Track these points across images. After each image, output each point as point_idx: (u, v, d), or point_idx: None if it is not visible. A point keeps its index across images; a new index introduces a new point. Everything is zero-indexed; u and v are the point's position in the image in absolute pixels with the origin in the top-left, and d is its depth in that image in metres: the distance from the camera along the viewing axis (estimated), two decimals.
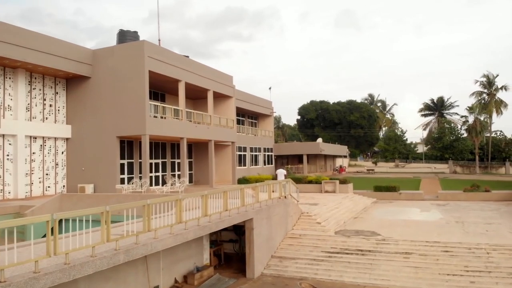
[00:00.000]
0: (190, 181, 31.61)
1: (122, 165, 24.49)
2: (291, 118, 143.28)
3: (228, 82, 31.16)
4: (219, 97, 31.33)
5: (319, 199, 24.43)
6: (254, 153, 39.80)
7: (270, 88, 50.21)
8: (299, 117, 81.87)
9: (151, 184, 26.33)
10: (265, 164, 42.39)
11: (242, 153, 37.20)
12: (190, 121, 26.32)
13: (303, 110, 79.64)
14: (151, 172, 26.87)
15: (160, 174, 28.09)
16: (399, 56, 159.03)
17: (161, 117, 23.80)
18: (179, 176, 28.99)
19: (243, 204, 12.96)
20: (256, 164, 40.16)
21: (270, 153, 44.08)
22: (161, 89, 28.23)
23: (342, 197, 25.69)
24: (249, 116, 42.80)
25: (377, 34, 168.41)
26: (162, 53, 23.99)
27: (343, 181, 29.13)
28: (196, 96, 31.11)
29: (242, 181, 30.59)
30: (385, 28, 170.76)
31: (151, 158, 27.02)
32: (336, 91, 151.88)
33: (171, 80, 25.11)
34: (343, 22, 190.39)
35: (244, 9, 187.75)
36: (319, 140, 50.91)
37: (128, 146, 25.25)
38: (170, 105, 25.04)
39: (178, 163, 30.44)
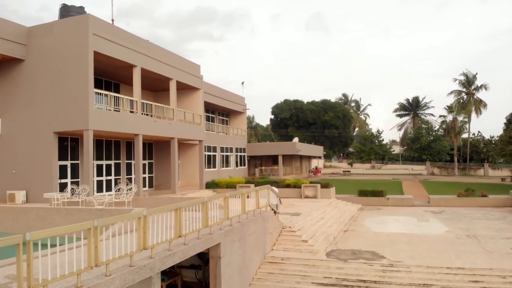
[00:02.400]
0: (150, 185, 27.44)
1: (64, 168, 20.14)
2: (263, 120, 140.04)
3: (195, 71, 27.18)
4: (185, 89, 27.31)
5: (300, 206, 20.91)
6: (225, 154, 35.91)
7: (242, 83, 46.34)
8: (272, 117, 78.62)
9: (99, 190, 22.03)
10: (237, 166, 38.57)
11: (211, 153, 33.25)
12: (149, 115, 22.22)
13: (277, 109, 76.39)
14: (100, 175, 22.56)
15: (112, 178, 23.79)
16: (370, 59, 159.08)
17: (112, 110, 19.63)
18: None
19: (206, 225, 9.14)
20: (227, 166, 36.28)
21: (242, 154, 40.29)
22: (115, 77, 23.98)
23: (325, 204, 22.31)
24: (220, 112, 38.87)
25: (347, 38, 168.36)
26: (112, 31, 19.80)
27: (325, 185, 25.76)
28: (158, 87, 26.98)
29: (211, 184, 26.68)
30: (354, 32, 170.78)
31: (100, 158, 22.72)
32: (308, 93, 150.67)
33: (124, 65, 20.96)
34: (313, 25, 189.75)
35: (214, 9, 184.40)
36: (295, 139, 47.55)
37: (73, 144, 20.90)
38: (121, 95, 20.85)
39: (144, 165, 26.38)
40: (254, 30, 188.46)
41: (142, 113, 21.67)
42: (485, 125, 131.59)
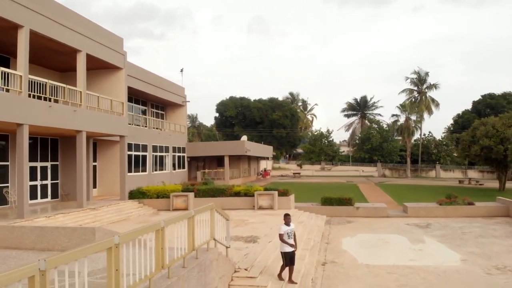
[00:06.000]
0: (55, 195, 20.62)
1: None
2: (207, 120, 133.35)
3: (116, 45, 20.76)
4: (101, 68, 20.84)
5: (255, 224, 15.45)
6: (159, 154, 29.55)
7: (182, 70, 40.38)
8: (217, 114, 72.81)
9: None
10: (175, 168, 32.35)
11: (140, 153, 26.81)
12: (42, 98, 15.66)
13: (222, 107, 70.65)
14: None
15: None
16: (312, 63, 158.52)
17: None
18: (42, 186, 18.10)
19: None
20: (162, 169, 29.98)
21: (182, 154, 34.11)
22: (3, 48, 17.16)
23: None
24: (153, 104, 32.41)
25: (289, 42, 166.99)
26: None
27: (283, 193, 20.53)
28: (66, 66, 20.32)
29: (136, 194, 20.41)
30: (295, 36, 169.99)
31: None
32: (253, 96, 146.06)
33: (6, 25, 14.33)
34: (256, 28, 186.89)
35: (155, 7, 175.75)
36: (244, 138, 42.06)
37: None
38: None
39: (43, 167, 19.67)
40: (196, 30, 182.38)
41: (31, 95, 15.10)
42: (436, 126, 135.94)
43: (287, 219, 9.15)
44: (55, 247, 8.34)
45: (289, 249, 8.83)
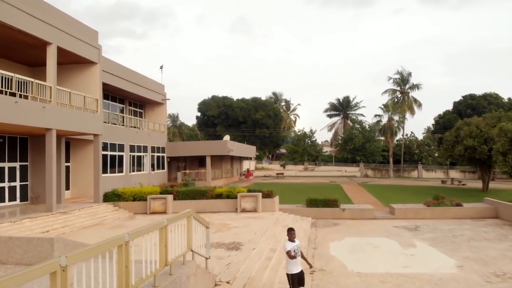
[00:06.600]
0: (24, 198, 19.27)
1: None
2: (189, 120, 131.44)
3: (90, 38, 19.52)
4: (74, 63, 19.60)
5: (238, 228, 14.55)
6: (137, 154, 28.32)
7: (161, 67, 38.97)
8: (199, 114, 71.60)
9: None
10: (154, 169, 31.15)
11: (116, 153, 25.58)
12: (7, 93, 14.43)
13: (204, 106, 69.52)
14: None
15: None
16: (293, 65, 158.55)
17: None
18: (10, 188, 16.89)
19: None
20: (140, 169, 28.75)
21: (161, 154, 32.92)
22: None
23: (271, 222, 16.26)
24: (131, 102, 31.13)
25: (272, 42, 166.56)
26: None
27: (267, 194, 19.68)
28: (37, 60, 19.05)
29: (111, 196, 19.23)
30: (277, 37, 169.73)
31: None
32: (234, 96, 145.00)
33: None
34: (238, 28, 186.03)
35: (136, 5, 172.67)
36: (226, 137, 41.03)
37: None
38: None
39: (11, 168, 18.41)
40: (179, 29, 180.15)
41: None
42: (418, 126, 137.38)
43: (291, 234, 7.60)
44: (9, 260, 7.28)
45: (296, 269, 7.41)
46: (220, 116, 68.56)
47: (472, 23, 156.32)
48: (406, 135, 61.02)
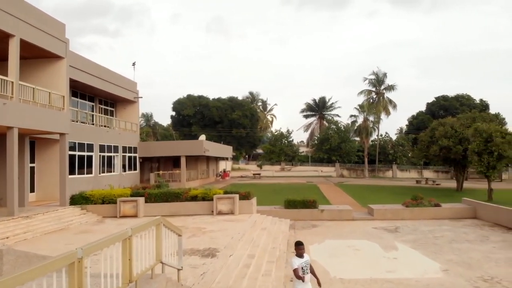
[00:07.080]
0: None
1: None
2: (163, 120, 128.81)
3: (56, 31, 18.33)
4: (39, 57, 18.37)
5: (214, 233, 13.82)
6: (107, 154, 27.07)
7: (134, 64, 37.70)
8: (173, 113, 70.16)
9: None
10: (125, 170, 29.95)
11: (86, 153, 24.33)
12: None
13: (179, 105, 68.18)
14: None
15: None
16: (270, 65, 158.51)
17: None
18: None
19: None
20: (110, 170, 27.52)
21: (133, 154, 31.72)
22: None
23: (249, 225, 15.62)
24: (101, 100, 29.82)
25: (247, 43, 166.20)
26: None
27: (245, 196, 19.02)
28: (2, 55, 17.67)
29: (79, 199, 18.11)
30: (253, 37, 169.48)
31: None
32: (210, 95, 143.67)
33: None
34: (214, 28, 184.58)
35: (109, 2, 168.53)
36: (202, 137, 40.06)
37: None
38: None
39: None
40: (154, 28, 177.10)
41: None
42: (392, 127, 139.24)
43: (299, 249, 6.58)
44: None
45: None
46: (196, 116, 67.43)
47: (443, 26, 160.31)
48: (381, 135, 61.65)
